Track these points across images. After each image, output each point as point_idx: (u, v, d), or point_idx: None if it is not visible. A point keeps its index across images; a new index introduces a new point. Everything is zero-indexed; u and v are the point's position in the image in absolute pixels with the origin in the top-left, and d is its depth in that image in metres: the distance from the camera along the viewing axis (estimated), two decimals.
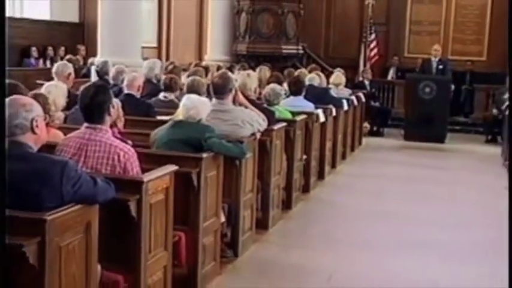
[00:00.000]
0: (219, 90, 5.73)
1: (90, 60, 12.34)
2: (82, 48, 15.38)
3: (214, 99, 5.72)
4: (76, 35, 16.00)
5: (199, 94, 5.86)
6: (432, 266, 5.65)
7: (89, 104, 4.02)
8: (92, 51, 13.36)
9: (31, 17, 15.22)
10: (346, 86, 11.18)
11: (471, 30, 16.49)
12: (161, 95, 7.21)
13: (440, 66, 13.13)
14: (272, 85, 7.76)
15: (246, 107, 6.11)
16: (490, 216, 7.46)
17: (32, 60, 14.58)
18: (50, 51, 15.01)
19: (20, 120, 3.28)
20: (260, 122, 5.93)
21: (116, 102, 4.51)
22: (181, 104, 5.18)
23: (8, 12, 14.56)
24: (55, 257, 3.11)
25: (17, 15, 15.06)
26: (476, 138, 13.23)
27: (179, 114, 5.13)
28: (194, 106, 5.05)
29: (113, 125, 4.32)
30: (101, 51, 10.66)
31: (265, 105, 7.12)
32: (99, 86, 4.34)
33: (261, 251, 5.83)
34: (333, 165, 9.55)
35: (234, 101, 5.97)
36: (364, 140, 12.26)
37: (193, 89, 6.31)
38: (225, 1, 14.71)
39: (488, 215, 7.49)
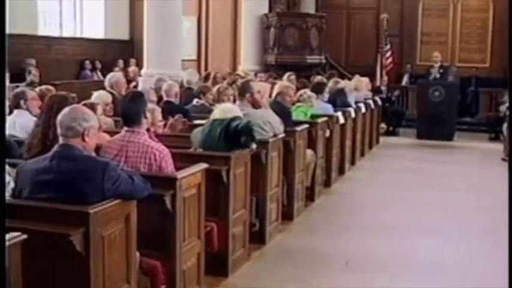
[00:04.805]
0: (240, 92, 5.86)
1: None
2: (132, 62, 15.46)
3: (237, 101, 5.70)
4: (126, 50, 16.11)
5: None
6: (440, 248, 5.56)
7: (126, 110, 4.02)
8: (139, 64, 13.43)
9: (89, 36, 15.37)
10: None
11: (474, 40, 16.30)
12: (194, 101, 7.14)
13: (441, 71, 12.91)
14: (307, 90, 8.05)
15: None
16: (492, 203, 7.29)
17: (88, 73, 14.68)
18: (103, 64, 15.08)
19: (75, 124, 3.27)
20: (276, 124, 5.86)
21: (152, 107, 4.47)
22: (218, 109, 5.12)
23: (69, 33, 14.77)
24: (98, 245, 3.10)
25: (78, 35, 15.22)
26: (481, 136, 12.97)
27: (216, 115, 5.04)
28: (231, 110, 5.03)
29: (150, 128, 4.29)
30: (147, 64, 10.70)
31: (298, 104, 7.44)
32: (134, 93, 4.32)
33: (286, 240, 5.76)
34: (353, 162, 9.39)
35: (254, 105, 5.90)
36: (381, 139, 12.12)
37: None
38: (256, 18, 14.64)
39: (490, 202, 7.33)
